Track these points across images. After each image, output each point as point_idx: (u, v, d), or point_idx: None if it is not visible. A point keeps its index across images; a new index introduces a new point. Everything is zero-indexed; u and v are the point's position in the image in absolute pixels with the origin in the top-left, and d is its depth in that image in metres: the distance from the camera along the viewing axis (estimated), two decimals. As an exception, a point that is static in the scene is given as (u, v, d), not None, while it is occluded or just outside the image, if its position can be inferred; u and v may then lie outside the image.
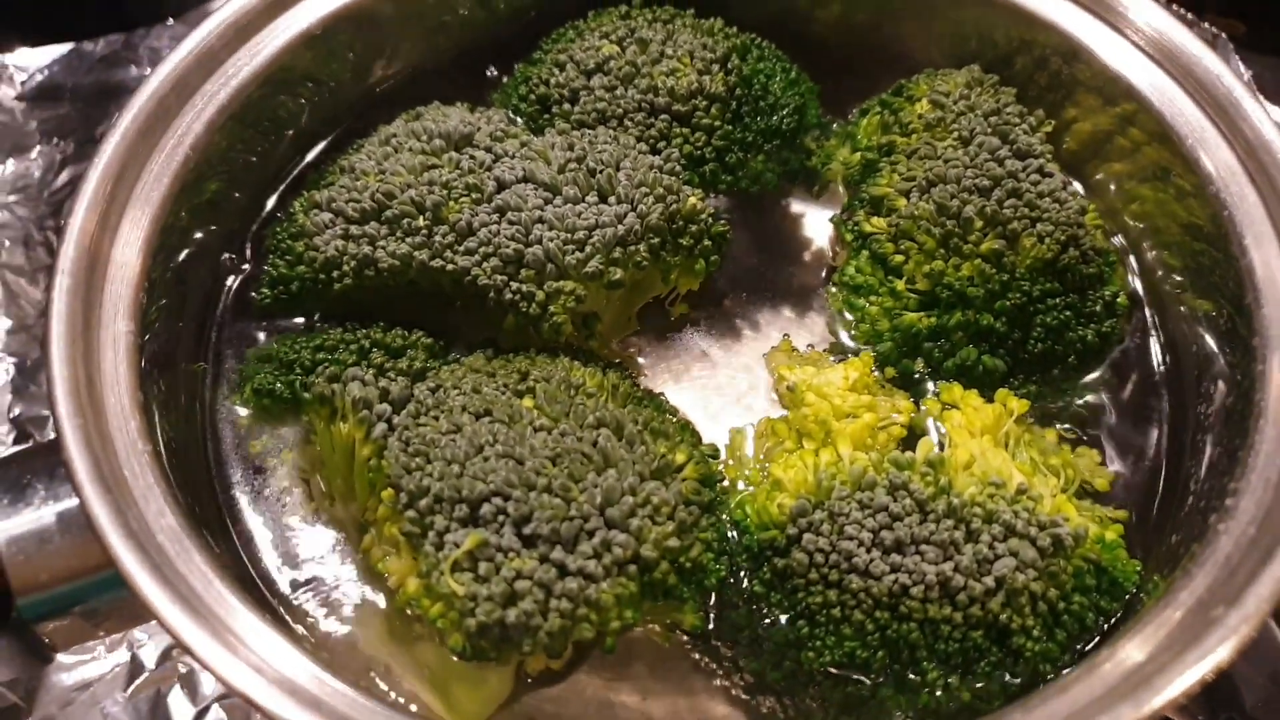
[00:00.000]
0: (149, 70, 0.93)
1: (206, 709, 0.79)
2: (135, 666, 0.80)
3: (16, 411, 0.91)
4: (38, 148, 1.05)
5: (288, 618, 0.67)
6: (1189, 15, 1.10)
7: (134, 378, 0.62)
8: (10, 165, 1.04)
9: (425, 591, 0.59)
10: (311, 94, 0.83)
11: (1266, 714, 0.75)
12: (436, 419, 0.64)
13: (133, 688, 0.80)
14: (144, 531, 0.56)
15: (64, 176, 1.04)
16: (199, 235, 0.76)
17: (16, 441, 0.89)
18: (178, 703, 0.79)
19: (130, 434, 0.59)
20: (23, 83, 1.10)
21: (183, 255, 0.74)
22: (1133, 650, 0.55)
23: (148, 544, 0.55)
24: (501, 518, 0.59)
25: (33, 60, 1.12)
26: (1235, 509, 0.59)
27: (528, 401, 0.65)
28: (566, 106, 0.82)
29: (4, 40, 1.11)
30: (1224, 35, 1.10)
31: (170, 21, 1.12)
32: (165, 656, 0.81)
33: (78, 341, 0.61)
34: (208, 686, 0.80)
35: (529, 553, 0.59)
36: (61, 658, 0.80)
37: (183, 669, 0.80)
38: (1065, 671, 0.61)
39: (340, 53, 0.83)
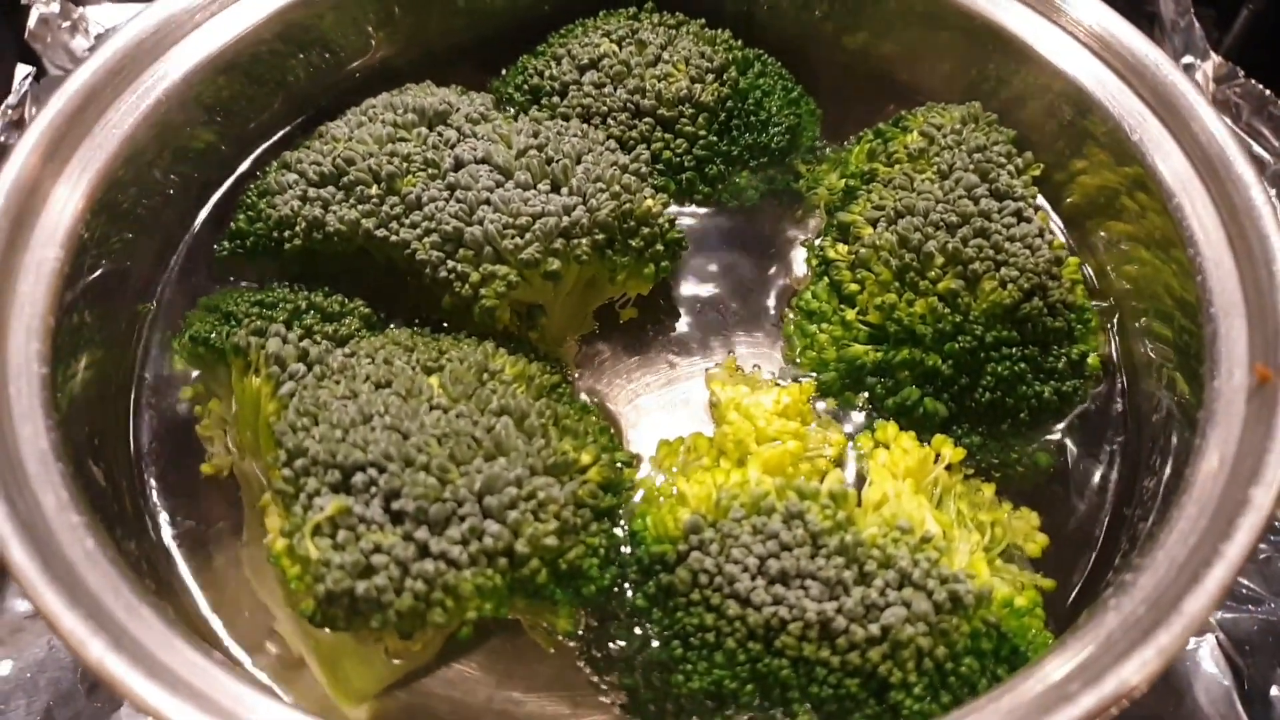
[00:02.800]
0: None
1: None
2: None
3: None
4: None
5: (164, 564, 0.67)
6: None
7: (50, 303, 0.62)
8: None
9: (287, 552, 0.58)
10: (318, 60, 0.84)
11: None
12: (337, 383, 0.63)
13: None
14: (8, 450, 0.56)
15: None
16: (175, 179, 0.77)
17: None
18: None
19: (28, 355, 0.60)
20: (97, 35, 1.13)
21: (154, 196, 0.75)
22: (984, 714, 0.51)
23: (6, 462, 0.55)
24: (373, 489, 0.58)
25: (111, 16, 1.15)
26: (1133, 585, 0.55)
27: (434, 379, 0.64)
28: (555, 99, 0.81)
29: (92, -7, 1.15)
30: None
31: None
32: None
33: (-9, 260, 0.62)
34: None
35: (393, 528, 0.57)
36: (18, 587, 0.81)
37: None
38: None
39: (360, 22, 0.84)
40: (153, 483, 0.70)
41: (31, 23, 1.08)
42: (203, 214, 0.80)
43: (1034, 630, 0.61)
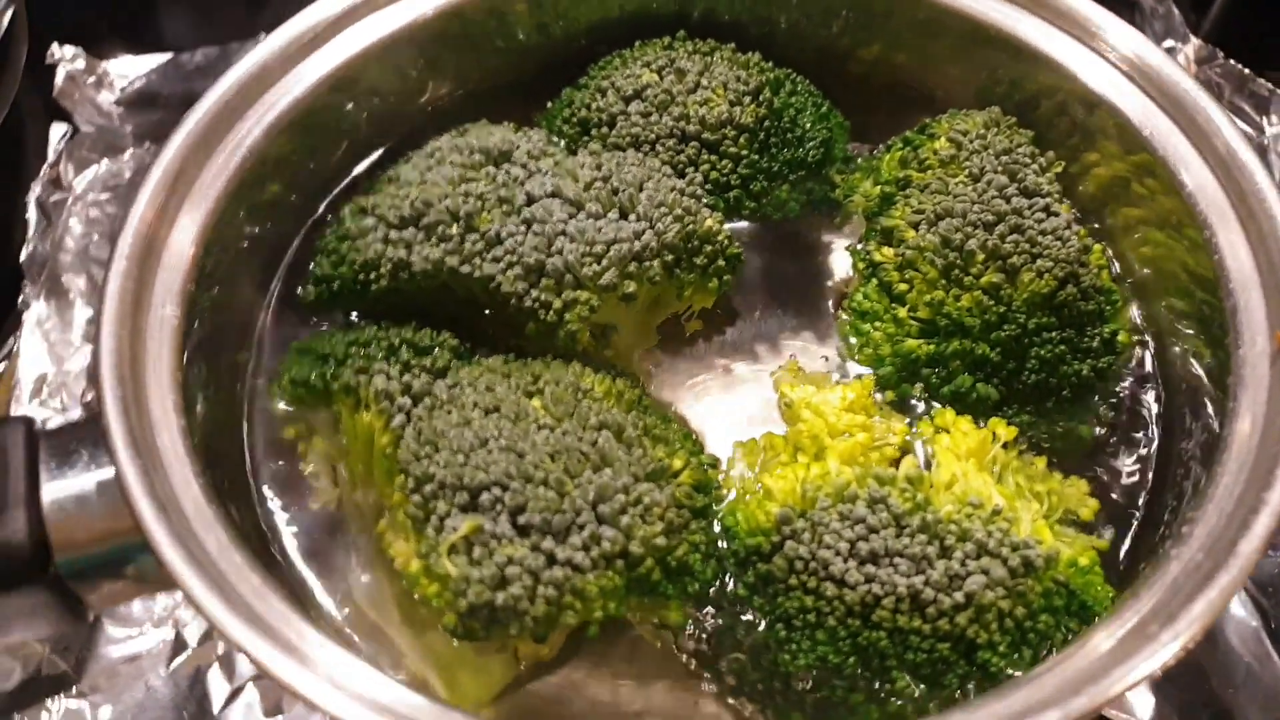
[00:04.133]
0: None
1: (241, 688, 0.83)
2: (179, 644, 0.85)
3: (90, 396, 0.96)
4: (130, 150, 1.11)
5: (301, 592, 0.73)
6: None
7: (175, 359, 0.68)
8: (104, 165, 1.10)
9: (424, 572, 0.64)
10: (372, 106, 0.89)
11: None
12: (449, 413, 0.68)
13: (175, 664, 0.84)
14: (169, 497, 0.61)
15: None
16: (255, 231, 0.82)
17: (86, 423, 0.95)
18: (215, 680, 0.84)
19: (167, 408, 0.65)
20: (122, 89, 1.17)
21: (237, 250, 0.80)
22: (1075, 661, 0.58)
23: (171, 508, 0.60)
24: (499, 506, 0.63)
25: (133, 68, 1.18)
26: (1190, 536, 0.62)
27: (535, 402, 0.69)
28: (604, 130, 0.87)
29: (109, 48, 1.18)
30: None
31: (263, 36, 1.19)
32: (206, 636, 0.85)
33: (126, 321, 0.67)
34: (244, 666, 0.84)
35: (521, 541, 0.63)
36: (111, 631, 0.85)
37: (221, 649, 0.84)
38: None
39: (404, 68, 0.90)
40: (273, 515, 0.75)
41: (59, 81, 1.12)
42: (284, 263, 0.85)
43: (1097, 586, 0.68)
